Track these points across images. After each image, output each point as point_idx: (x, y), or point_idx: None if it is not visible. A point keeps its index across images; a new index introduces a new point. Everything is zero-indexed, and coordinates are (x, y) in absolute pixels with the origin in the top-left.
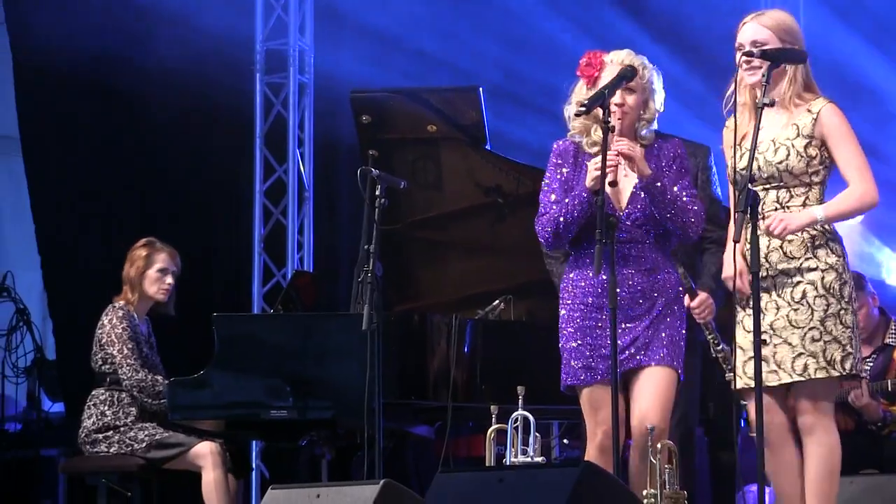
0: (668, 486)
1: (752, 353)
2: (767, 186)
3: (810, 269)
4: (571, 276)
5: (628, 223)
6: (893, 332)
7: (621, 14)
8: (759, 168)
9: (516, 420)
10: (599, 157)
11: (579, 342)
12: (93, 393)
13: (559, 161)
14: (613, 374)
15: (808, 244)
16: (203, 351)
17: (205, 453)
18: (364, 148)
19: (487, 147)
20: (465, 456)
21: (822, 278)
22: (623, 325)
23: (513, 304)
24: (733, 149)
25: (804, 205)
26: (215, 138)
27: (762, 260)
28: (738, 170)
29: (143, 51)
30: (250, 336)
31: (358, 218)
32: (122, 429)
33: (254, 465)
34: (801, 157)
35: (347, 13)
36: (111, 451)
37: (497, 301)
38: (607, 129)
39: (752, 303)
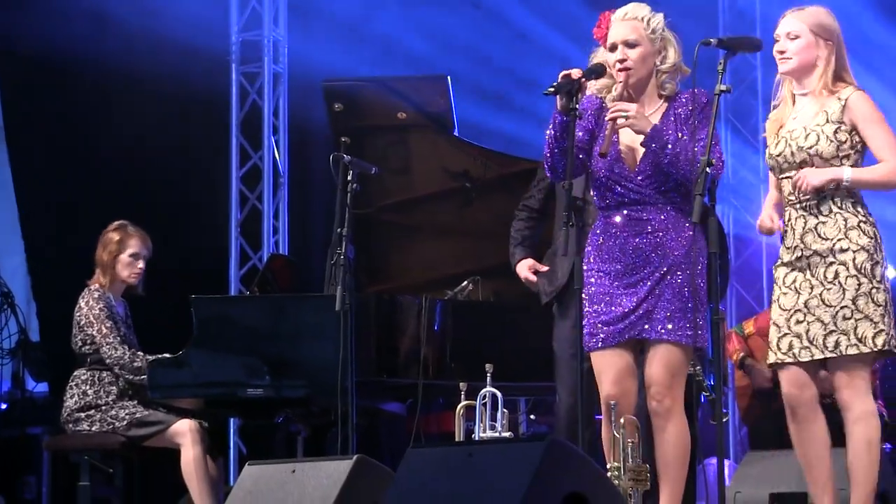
0: (630, 460)
1: (786, 330)
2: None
3: (843, 250)
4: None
5: (639, 179)
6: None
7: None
8: (791, 153)
9: (485, 397)
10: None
11: (588, 309)
12: (75, 373)
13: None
14: (579, 352)
15: (842, 226)
16: (182, 332)
17: (184, 431)
18: (336, 135)
19: (455, 133)
20: (436, 432)
21: (854, 259)
22: (623, 290)
23: (481, 284)
24: (770, 137)
25: (838, 187)
26: (193, 126)
27: (797, 241)
28: (773, 155)
29: (125, 41)
30: (228, 317)
31: (331, 202)
32: (103, 407)
33: (231, 442)
34: (831, 141)
35: (320, 4)
36: (93, 429)
37: (465, 282)
38: (574, 117)
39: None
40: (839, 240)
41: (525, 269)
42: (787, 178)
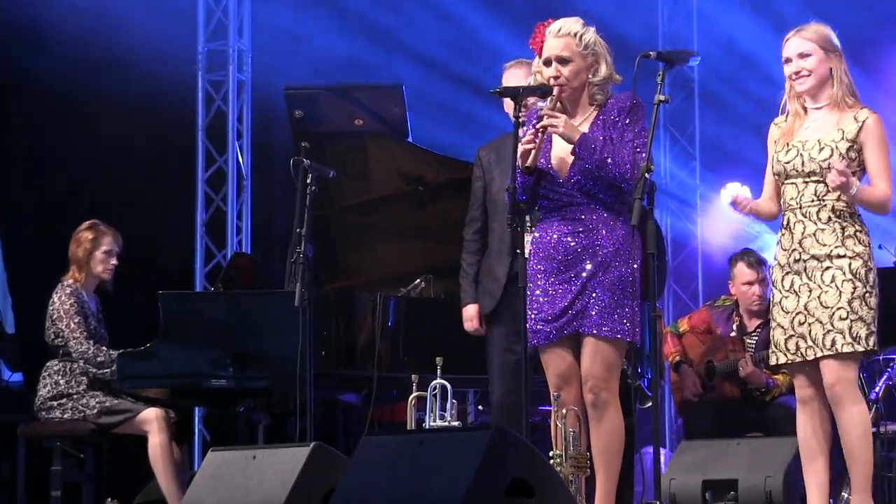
0: (572, 448)
1: (791, 332)
2: (808, 180)
3: (840, 256)
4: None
5: (570, 183)
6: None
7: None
8: (802, 163)
9: (435, 388)
10: (526, 138)
11: (530, 306)
12: (47, 364)
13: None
14: (524, 346)
15: (839, 234)
16: (149, 325)
17: (151, 419)
18: (297, 140)
19: (410, 140)
20: (389, 421)
21: (850, 264)
22: (558, 288)
23: (432, 282)
24: (778, 144)
25: (839, 199)
26: (161, 131)
27: (795, 244)
28: (781, 161)
29: (98, 52)
30: (193, 312)
31: (291, 204)
32: (74, 396)
33: (196, 430)
34: (843, 157)
35: (283, 17)
36: (65, 416)
37: (418, 280)
38: (517, 124)
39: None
40: (836, 247)
41: (475, 320)
42: (792, 184)
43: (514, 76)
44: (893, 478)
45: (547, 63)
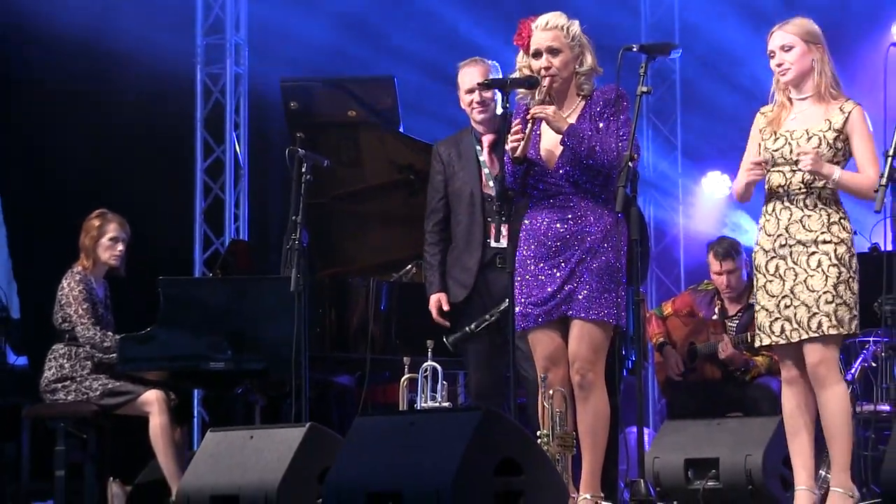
0: (559, 427)
1: (776, 315)
2: (795, 168)
3: (826, 242)
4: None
5: (559, 173)
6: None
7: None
8: (790, 151)
9: (426, 370)
10: (514, 130)
11: (519, 291)
12: (53, 347)
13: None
14: (511, 328)
15: (825, 221)
16: (150, 309)
17: (152, 400)
18: (292, 130)
19: (401, 129)
20: (382, 402)
21: (835, 250)
22: (548, 272)
23: (422, 269)
24: (765, 132)
25: (825, 187)
26: (162, 122)
27: (781, 230)
28: (769, 149)
29: (101, 44)
30: (192, 297)
31: (287, 192)
32: (78, 379)
33: (195, 411)
34: (831, 147)
35: (278, 11)
36: (69, 398)
37: (409, 266)
38: (505, 114)
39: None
40: (822, 232)
41: (435, 309)
42: (779, 171)
43: (469, 74)
44: (870, 456)
45: (537, 55)
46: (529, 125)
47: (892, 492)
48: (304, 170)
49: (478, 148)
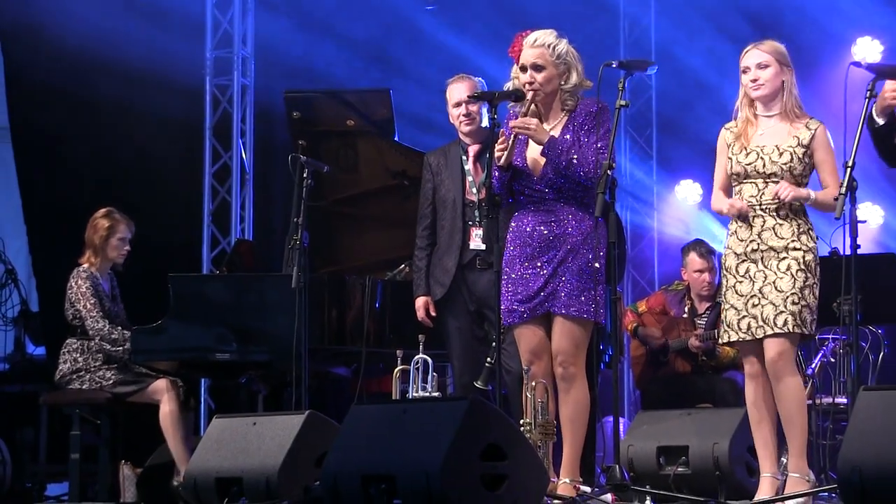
0: (540, 416)
1: (744, 313)
2: (769, 181)
3: (795, 249)
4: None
5: (542, 181)
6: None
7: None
8: (763, 165)
9: (418, 362)
10: (501, 140)
11: (505, 289)
12: (67, 341)
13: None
14: (497, 324)
15: (795, 230)
16: (161, 304)
17: (162, 389)
18: (295, 138)
19: (396, 138)
20: (376, 392)
21: (804, 257)
22: (531, 271)
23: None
24: (733, 147)
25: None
26: (173, 131)
27: (754, 236)
28: (741, 163)
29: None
30: (200, 292)
31: (289, 196)
32: (92, 370)
33: (202, 399)
34: (800, 161)
35: (284, 29)
36: (83, 387)
37: (403, 265)
38: (494, 125)
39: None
40: (793, 240)
41: (422, 310)
42: (752, 183)
43: (457, 89)
44: (828, 445)
45: (523, 70)
46: (512, 136)
47: (848, 478)
48: (305, 175)
49: (463, 158)
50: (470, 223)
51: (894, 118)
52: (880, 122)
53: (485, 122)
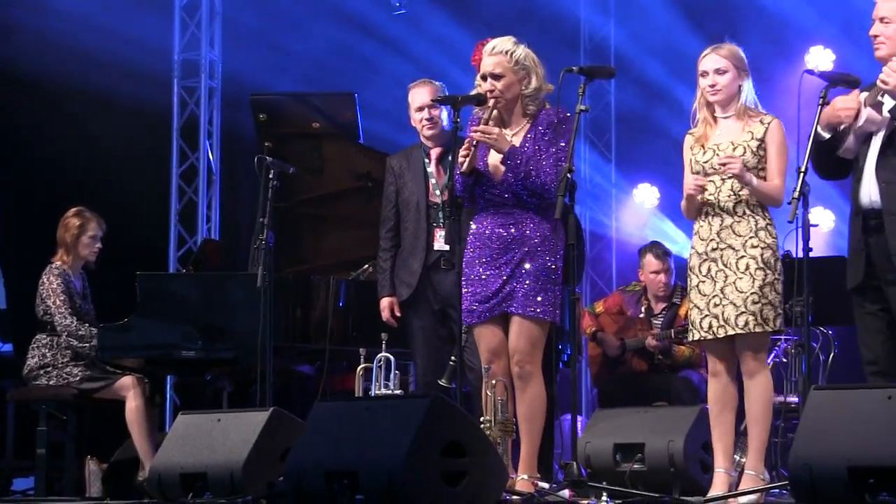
0: (500, 414)
1: (706, 312)
2: (724, 177)
3: (753, 247)
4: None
5: (502, 186)
6: (679, 294)
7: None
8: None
9: (380, 360)
10: (465, 146)
11: (466, 289)
12: (36, 337)
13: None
14: (458, 324)
15: (753, 227)
16: (128, 301)
17: (128, 385)
18: (261, 140)
19: (360, 141)
20: (340, 389)
21: (762, 254)
22: (491, 272)
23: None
24: (694, 148)
25: (751, 195)
26: (141, 131)
27: (713, 235)
28: (699, 161)
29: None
30: (166, 290)
31: (255, 196)
32: (59, 366)
33: (168, 396)
34: (754, 155)
35: (250, 31)
36: (50, 383)
37: (366, 265)
38: (456, 129)
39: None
40: (750, 237)
41: (387, 311)
42: (710, 181)
43: (419, 94)
44: (780, 443)
45: (483, 78)
46: (474, 144)
47: (799, 474)
48: (271, 176)
49: (426, 161)
50: (434, 225)
51: (838, 133)
52: (826, 135)
53: (446, 124)
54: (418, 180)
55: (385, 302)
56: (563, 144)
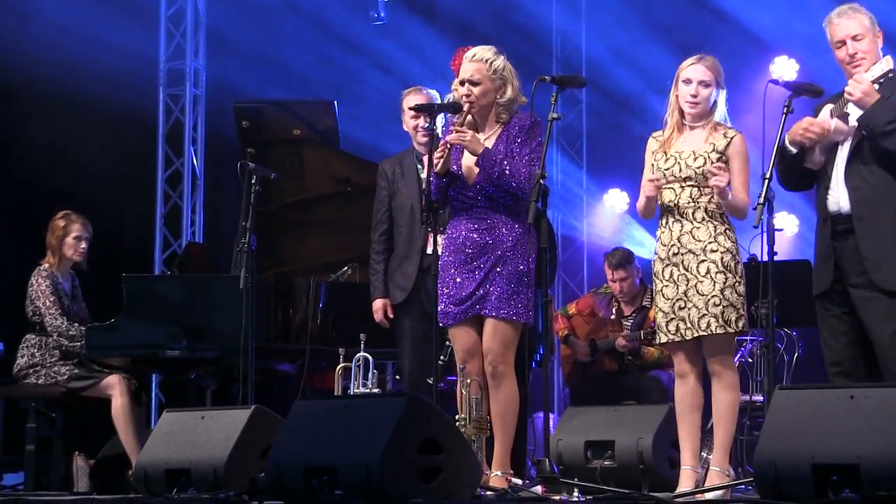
0: (475, 412)
1: (672, 315)
2: (684, 185)
3: (713, 251)
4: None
5: (476, 188)
6: (649, 297)
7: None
8: (679, 169)
9: (359, 360)
10: (439, 148)
11: (441, 291)
12: (26, 336)
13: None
14: (434, 325)
15: (712, 232)
16: (115, 302)
17: (114, 384)
18: (244, 146)
19: (340, 147)
20: (320, 388)
21: (722, 258)
22: (465, 275)
23: (357, 270)
24: (657, 154)
25: (710, 201)
26: (128, 137)
27: (674, 241)
28: (661, 168)
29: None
30: (152, 292)
31: (238, 201)
32: (48, 365)
33: (153, 394)
34: (713, 165)
35: (234, 41)
36: (39, 381)
37: (345, 268)
38: (433, 135)
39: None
40: (710, 242)
41: (380, 312)
42: (669, 188)
43: (413, 100)
44: (745, 440)
45: (461, 83)
46: (449, 146)
47: (764, 471)
48: (253, 181)
49: (419, 166)
50: (429, 229)
51: (805, 147)
52: (793, 150)
53: (439, 132)
54: (412, 185)
55: (378, 303)
56: (535, 145)
